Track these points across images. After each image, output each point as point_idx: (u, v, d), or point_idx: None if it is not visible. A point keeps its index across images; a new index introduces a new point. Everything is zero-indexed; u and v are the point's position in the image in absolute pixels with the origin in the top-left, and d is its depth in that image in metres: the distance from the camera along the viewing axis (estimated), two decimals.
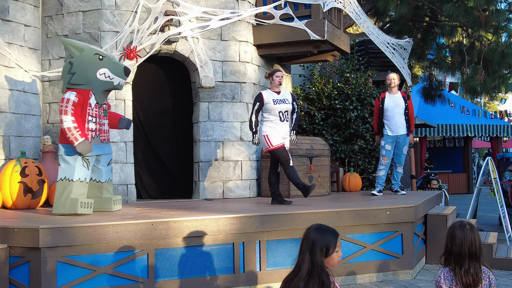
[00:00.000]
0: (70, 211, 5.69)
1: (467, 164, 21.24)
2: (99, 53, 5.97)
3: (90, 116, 5.92)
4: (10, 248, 4.73)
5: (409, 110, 8.25)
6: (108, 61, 6.00)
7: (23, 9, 7.53)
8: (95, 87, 5.93)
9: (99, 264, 4.84)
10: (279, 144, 6.75)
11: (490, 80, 10.78)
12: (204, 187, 8.11)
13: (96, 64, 5.90)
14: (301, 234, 5.64)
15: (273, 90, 6.96)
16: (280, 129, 6.85)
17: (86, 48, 5.98)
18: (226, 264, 5.41)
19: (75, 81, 5.86)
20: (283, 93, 6.97)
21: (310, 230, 3.06)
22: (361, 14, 9.04)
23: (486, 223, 11.38)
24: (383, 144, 8.17)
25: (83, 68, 5.86)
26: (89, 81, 5.89)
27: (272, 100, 6.83)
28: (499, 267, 6.90)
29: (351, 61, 10.86)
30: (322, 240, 2.98)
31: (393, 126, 8.14)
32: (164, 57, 8.21)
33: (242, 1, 8.43)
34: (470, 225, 3.37)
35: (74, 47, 5.92)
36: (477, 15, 10.34)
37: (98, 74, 5.90)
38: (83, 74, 5.86)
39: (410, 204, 6.35)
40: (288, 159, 6.75)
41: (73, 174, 5.77)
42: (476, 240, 3.32)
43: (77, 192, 5.76)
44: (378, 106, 8.26)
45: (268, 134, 6.79)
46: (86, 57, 5.90)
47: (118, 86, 6.14)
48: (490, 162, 9.51)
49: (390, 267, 6.21)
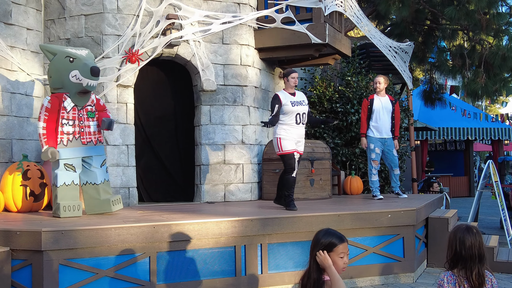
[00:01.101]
0: (56, 215, 5.88)
1: (468, 167, 21.22)
2: (70, 55, 5.98)
3: (65, 119, 5.97)
4: (13, 251, 4.75)
5: (395, 114, 8.26)
6: (79, 62, 5.98)
7: (25, 12, 7.55)
8: (69, 90, 6.00)
9: (101, 267, 4.85)
10: (290, 150, 6.54)
11: (491, 84, 10.79)
12: (206, 190, 8.12)
13: (68, 66, 5.95)
14: (302, 237, 5.70)
15: (288, 91, 6.72)
16: (295, 132, 6.62)
17: (58, 51, 6.03)
18: (228, 267, 5.41)
19: (53, 85, 5.99)
20: (298, 95, 6.74)
21: (319, 233, 3.18)
22: (362, 17, 9.06)
23: (487, 226, 11.37)
24: (373, 148, 8.13)
25: (57, 71, 5.96)
26: (64, 84, 5.97)
27: (290, 102, 6.57)
28: (500, 270, 6.90)
29: (352, 64, 10.88)
30: (325, 240, 3.10)
31: (380, 129, 8.13)
32: (166, 61, 8.23)
33: (244, 4, 8.45)
34: (475, 228, 3.40)
35: (49, 51, 6.02)
36: (478, 18, 10.36)
37: (70, 76, 5.95)
38: (58, 77, 5.96)
39: (412, 208, 6.36)
40: (293, 168, 6.53)
41: (56, 180, 5.92)
42: (483, 243, 3.35)
43: (63, 197, 5.89)
44: (367, 106, 8.21)
45: (281, 138, 6.57)
46: (58, 60, 5.97)
47: (88, 88, 6.06)
48: (491, 165, 9.51)
49: (391, 270, 6.21)
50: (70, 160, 5.95)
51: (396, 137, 8.29)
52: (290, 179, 6.56)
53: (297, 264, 5.70)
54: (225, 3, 8.30)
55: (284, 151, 6.56)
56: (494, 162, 12.51)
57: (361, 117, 8.31)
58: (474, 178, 21.46)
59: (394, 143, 8.24)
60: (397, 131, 8.32)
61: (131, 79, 7.66)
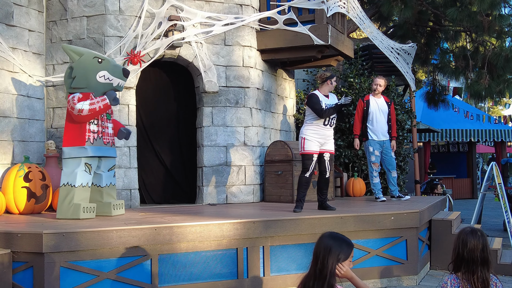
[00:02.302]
0: (73, 216, 5.79)
1: (471, 169, 21.18)
2: (98, 56, 6.10)
3: None
4: (14, 253, 4.73)
5: (391, 115, 8.22)
6: (107, 63, 6.12)
7: (27, 14, 7.54)
8: (95, 90, 6.05)
9: (102, 270, 4.83)
10: (310, 151, 6.55)
11: (495, 85, 10.76)
12: (208, 192, 8.10)
13: (96, 66, 6.03)
14: (305, 239, 5.67)
15: (324, 93, 6.71)
16: (322, 133, 6.62)
17: (85, 52, 6.12)
18: (230, 270, 5.39)
19: (75, 85, 5.98)
20: (331, 98, 6.77)
21: (325, 237, 3.16)
22: (364, 19, 9.03)
23: (490, 228, 11.33)
24: (372, 150, 8.10)
25: (83, 71, 5.98)
26: (89, 84, 6.01)
27: (324, 105, 6.57)
28: (504, 273, 6.86)
29: (354, 66, 10.85)
30: (338, 248, 3.09)
31: (377, 131, 8.10)
32: (168, 62, 8.22)
33: (246, 6, 8.43)
34: (481, 231, 3.37)
35: (74, 52, 6.06)
36: (481, 20, 10.33)
37: (98, 76, 6.02)
38: (83, 77, 5.98)
39: (415, 210, 6.33)
40: (308, 169, 6.55)
41: (75, 180, 5.86)
42: (487, 246, 3.31)
43: (80, 197, 5.85)
44: (362, 108, 8.17)
45: (306, 138, 6.58)
46: (85, 60, 6.02)
47: (118, 88, 6.24)
48: (494, 167, 9.48)
49: (394, 272, 6.18)
50: (91, 159, 5.99)
51: (393, 137, 8.25)
52: (303, 179, 6.61)
53: (299, 266, 5.67)
54: (227, 4, 8.28)
55: (305, 150, 6.58)
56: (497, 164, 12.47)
57: (355, 117, 8.27)
58: (477, 180, 21.40)
59: (392, 144, 8.20)
60: (394, 132, 8.27)
61: (133, 81, 7.65)
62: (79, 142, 5.94)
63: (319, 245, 3.12)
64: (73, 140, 5.95)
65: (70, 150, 5.93)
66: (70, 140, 5.96)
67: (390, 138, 8.18)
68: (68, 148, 5.94)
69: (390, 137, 8.18)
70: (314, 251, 3.15)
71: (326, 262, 3.03)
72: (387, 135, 8.15)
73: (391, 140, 8.19)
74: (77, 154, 5.91)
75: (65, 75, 6.12)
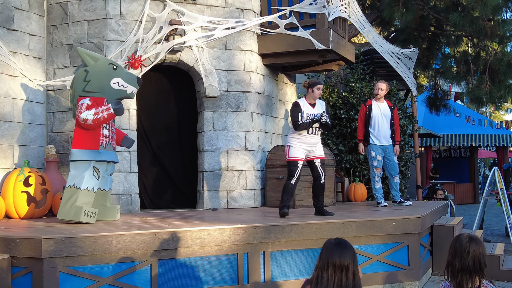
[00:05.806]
0: (73, 218, 5.79)
1: (473, 174, 21.13)
2: (113, 63, 6.20)
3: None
4: (13, 258, 4.70)
5: (394, 120, 8.19)
6: (122, 70, 6.23)
7: (28, 18, 7.54)
8: (108, 95, 6.11)
9: (101, 275, 4.80)
10: (295, 158, 6.51)
11: (496, 90, 10.73)
12: (208, 196, 8.07)
13: (110, 73, 6.12)
14: (306, 244, 5.64)
15: (309, 101, 6.65)
16: (307, 141, 6.57)
17: (101, 58, 6.23)
18: (230, 275, 5.35)
19: (89, 89, 6.05)
20: (318, 107, 6.65)
21: (347, 246, 3.10)
22: (365, 23, 9.02)
23: (492, 233, 11.28)
24: (374, 155, 8.07)
25: (98, 76, 6.06)
26: (103, 89, 6.08)
27: (306, 115, 6.52)
28: (506, 279, 6.81)
29: (356, 70, 10.84)
30: (345, 260, 3.02)
31: (380, 136, 8.07)
32: (169, 66, 8.20)
33: (247, 10, 8.42)
34: (475, 238, 3.32)
35: (89, 56, 6.14)
36: (483, 25, 10.31)
37: (112, 82, 6.10)
38: (97, 82, 6.05)
39: (417, 215, 6.29)
40: (293, 175, 6.50)
41: (81, 183, 5.86)
42: (480, 253, 3.26)
43: (83, 201, 5.84)
44: (365, 113, 8.14)
45: (291, 145, 6.57)
46: (100, 66, 6.11)
47: (131, 95, 6.34)
48: (496, 172, 9.45)
49: (396, 278, 6.14)
50: (100, 164, 6.02)
51: (397, 142, 8.22)
52: (289, 186, 6.55)
53: (300, 272, 5.64)
54: (228, 8, 8.27)
55: (290, 157, 6.57)
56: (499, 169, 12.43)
57: (358, 123, 8.25)
58: (479, 185, 21.35)
59: (395, 149, 8.17)
60: (397, 136, 8.24)
61: None
62: (93, 145, 5.97)
63: (346, 255, 2.97)
64: (86, 143, 5.96)
65: (81, 152, 5.93)
66: (82, 142, 5.96)
67: (393, 142, 8.15)
68: (79, 150, 5.94)
69: (393, 142, 8.15)
70: (340, 263, 2.98)
71: (356, 269, 2.98)
72: (389, 140, 8.12)
73: (394, 145, 8.17)
74: (88, 157, 5.93)
75: (78, 77, 6.13)
